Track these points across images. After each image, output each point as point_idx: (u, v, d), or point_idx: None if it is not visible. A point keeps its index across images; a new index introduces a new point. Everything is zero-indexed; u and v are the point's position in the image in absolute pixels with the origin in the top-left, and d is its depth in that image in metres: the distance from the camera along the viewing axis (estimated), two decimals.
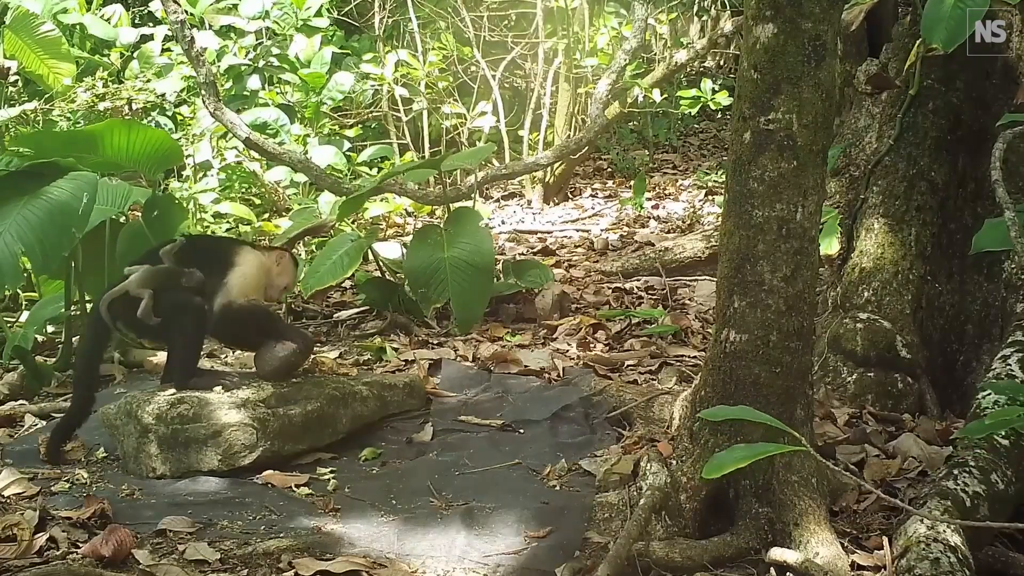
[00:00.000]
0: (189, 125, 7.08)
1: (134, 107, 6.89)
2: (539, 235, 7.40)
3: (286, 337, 3.81)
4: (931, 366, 4.07)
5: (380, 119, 8.48)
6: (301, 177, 6.71)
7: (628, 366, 4.58)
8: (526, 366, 4.50)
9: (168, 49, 7.70)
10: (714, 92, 7.64)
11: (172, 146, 4.77)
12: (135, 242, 4.53)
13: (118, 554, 2.87)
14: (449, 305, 5.03)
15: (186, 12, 6.40)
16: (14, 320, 4.95)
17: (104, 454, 3.72)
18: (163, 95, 7.21)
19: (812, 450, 2.00)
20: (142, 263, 3.80)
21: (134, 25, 8.31)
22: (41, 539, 2.96)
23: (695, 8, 10.43)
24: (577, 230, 7.48)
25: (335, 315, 5.40)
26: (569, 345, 4.85)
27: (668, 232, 7.23)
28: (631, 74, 7.25)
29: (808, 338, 3.08)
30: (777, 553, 2.88)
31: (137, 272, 3.73)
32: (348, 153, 7.47)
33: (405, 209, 7.06)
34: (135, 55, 7.72)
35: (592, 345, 4.89)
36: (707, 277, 5.82)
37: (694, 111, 8.10)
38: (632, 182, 8.27)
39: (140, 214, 4.77)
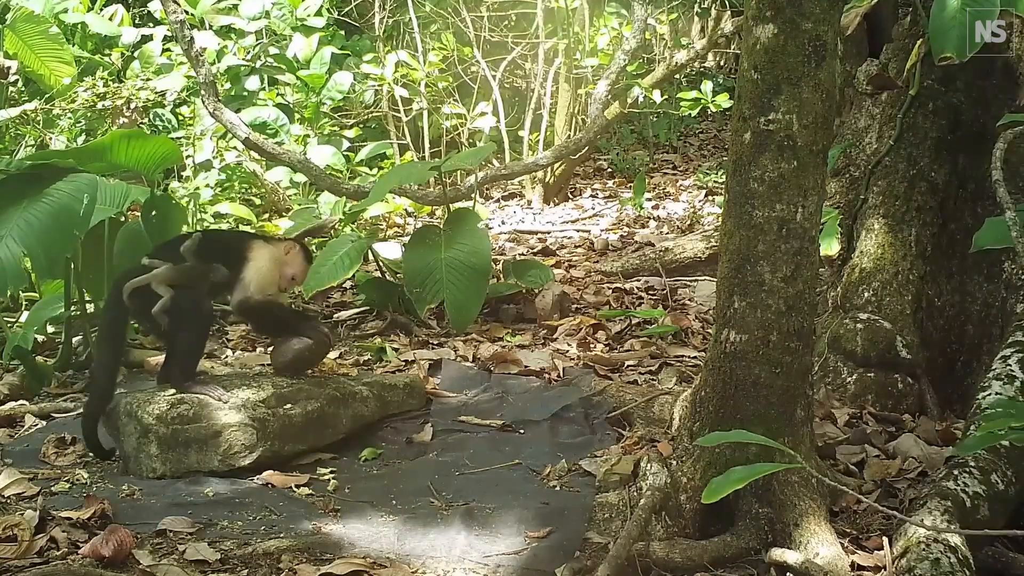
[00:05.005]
0: (190, 125, 7.08)
1: (133, 106, 6.88)
2: (539, 235, 7.40)
3: (302, 332, 3.86)
4: (931, 366, 4.07)
5: (380, 119, 8.48)
6: (301, 177, 6.71)
7: (628, 366, 4.58)
8: (526, 366, 4.50)
9: (168, 49, 7.70)
10: (715, 94, 7.63)
11: (172, 148, 4.76)
12: (134, 242, 4.53)
13: (118, 554, 2.86)
14: (445, 305, 5.03)
15: (186, 12, 6.40)
16: (14, 320, 4.95)
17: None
18: (163, 93, 7.20)
19: (808, 466, 2.00)
20: (161, 256, 3.78)
21: (134, 25, 8.31)
22: (41, 539, 2.95)
23: (695, 8, 10.43)
24: (577, 230, 7.48)
25: (335, 315, 5.40)
26: (569, 345, 4.85)
27: (668, 232, 7.23)
28: (631, 74, 7.25)
29: (808, 338, 3.08)
30: (777, 553, 2.89)
31: (163, 268, 3.72)
32: (346, 153, 7.47)
33: (405, 209, 7.06)
34: (136, 55, 7.72)
35: (592, 345, 4.89)
36: (707, 277, 5.82)
37: (694, 112, 8.09)
38: (632, 182, 8.27)
39: (139, 214, 4.76)
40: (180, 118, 7.30)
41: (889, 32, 4.55)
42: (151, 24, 8.32)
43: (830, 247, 4.35)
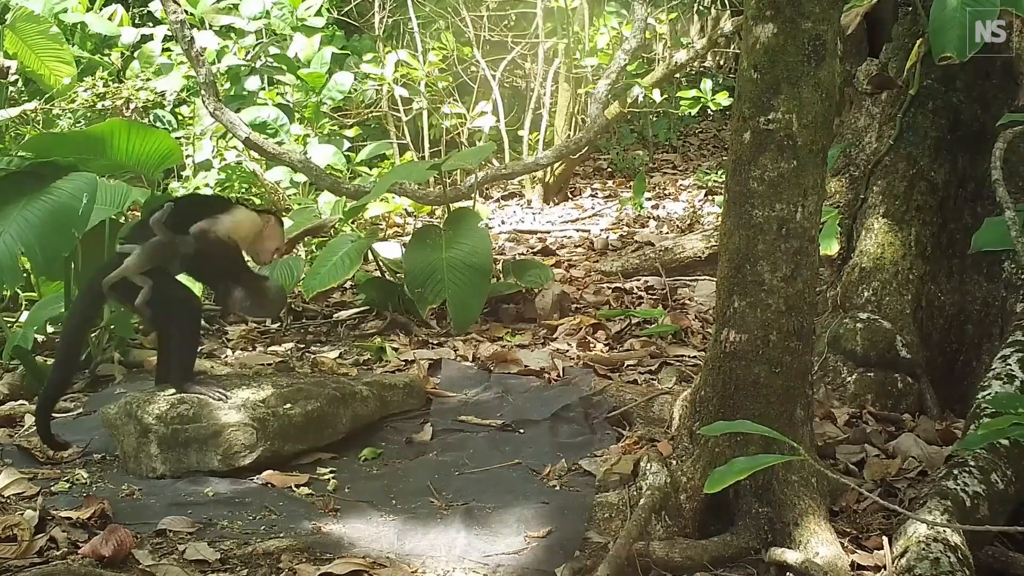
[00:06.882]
0: (190, 124, 7.08)
1: (133, 105, 6.88)
2: (539, 235, 7.41)
3: (246, 286, 3.77)
4: (931, 366, 4.07)
5: (380, 119, 8.48)
6: (301, 177, 6.71)
7: (628, 366, 4.58)
8: (526, 366, 4.50)
9: (168, 49, 7.69)
10: (714, 92, 7.63)
11: (172, 146, 4.77)
12: None
13: (118, 554, 2.87)
14: (446, 305, 5.03)
15: (186, 12, 6.40)
16: (14, 320, 4.95)
17: (103, 455, 3.72)
18: (163, 93, 7.20)
19: (810, 458, 2.00)
20: (135, 239, 3.68)
21: (134, 25, 8.30)
22: (41, 539, 2.95)
23: (695, 8, 10.43)
24: (577, 230, 7.48)
25: (335, 315, 5.40)
26: (569, 345, 4.85)
27: (668, 232, 7.24)
28: (631, 74, 7.25)
29: (808, 338, 3.09)
30: (777, 553, 2.89)
31: (133, 255, 3.61)
32: (347, 153, 7.47)
33: (405, 209, 7.06)
34: (135, 55, 7.72)
35: (592, 345, 4.89)
36: (707, 277, 5.82)
37: (694, 111, 8.10)
38: (632, 182, 8.27)
39: (139, 214, 4.76)
40: (180, 118, 7.29)
41: (889, 32, 4.55)
42: (151, 24, 8.31)
43: (830, 247, 4.35)
